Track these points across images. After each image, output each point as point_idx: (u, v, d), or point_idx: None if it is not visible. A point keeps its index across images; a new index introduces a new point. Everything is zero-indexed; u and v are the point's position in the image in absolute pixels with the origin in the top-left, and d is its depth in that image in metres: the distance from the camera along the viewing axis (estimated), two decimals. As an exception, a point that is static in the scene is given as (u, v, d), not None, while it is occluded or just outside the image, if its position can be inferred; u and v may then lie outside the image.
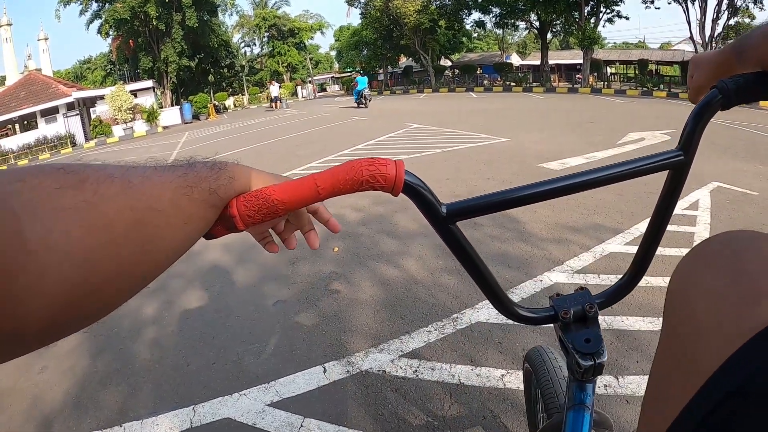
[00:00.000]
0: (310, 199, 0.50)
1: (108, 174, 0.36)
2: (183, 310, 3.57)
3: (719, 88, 0.63)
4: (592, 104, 18.83)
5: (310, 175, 0.51)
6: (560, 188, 0.63)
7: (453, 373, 2.59)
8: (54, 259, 0.29)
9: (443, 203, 0.60)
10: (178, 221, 0.41)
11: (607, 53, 38.29)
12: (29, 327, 0.28)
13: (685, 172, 0.67)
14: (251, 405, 2.46)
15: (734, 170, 6.65)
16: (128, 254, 0.35)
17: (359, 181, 0.50)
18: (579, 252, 4.08)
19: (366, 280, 3.85)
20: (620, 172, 0.64)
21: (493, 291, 0.72)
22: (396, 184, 0.52)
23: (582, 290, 0.79)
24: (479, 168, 7.61)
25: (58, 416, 2.52)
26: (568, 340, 0.75)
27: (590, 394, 0.79)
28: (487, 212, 0.62)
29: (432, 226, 0.61)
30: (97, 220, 0.33)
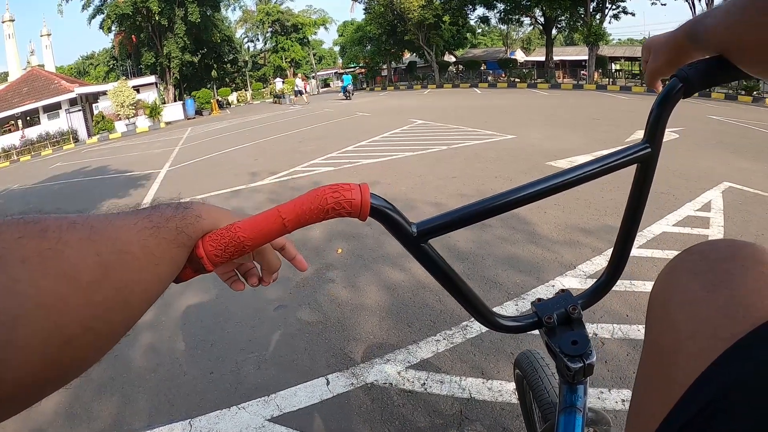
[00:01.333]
0: (276, 232, 0.49)
1: (70, 221, 0.36)
2: (180, 315, 3.46)
3: (679, 76, 0.62)
4: (598, 101, 18.72)
5: (274, 207, 0.49)
6: (531, 194, 0.62)
7: (463, 387, 2.45)
8: (24, 310, 0.28)
9: (413, 222, 0.58)
10: (148, 263, 0.40)
11: (613, 49, 38.22)
12: (7, 384, 0.27)
13: (653, 164, 0.67)
14: (250, 419, 2.34)
15: (745, 170, 6.52)
16: (101, 300, 0.34)
17: (324, 209, 0.49)
18: (591, 255, 3.94)
19: (371, 284, 3.72)
20: (590, 171, 0.63)
21: (474, 305, 0.71)
22: (363, 209, 0.50)
23: (563, 292, 0.79)
24: (486, 166, 7.48)
25: (49, 428, 2.44)
26: (555, 344, 0.73)
27: (581, 395, 0.78)
28: (458, 227, 0.61)
29: (404, 246, 0.59)
30: (64, 268, 0.32)
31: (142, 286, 0.39)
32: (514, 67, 35.90)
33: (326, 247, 4.53)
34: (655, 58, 0.73)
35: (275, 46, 52.89)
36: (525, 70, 34.14)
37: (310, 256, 4.31)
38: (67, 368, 0.32)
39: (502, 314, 0.75)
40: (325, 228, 4.87)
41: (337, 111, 20.42)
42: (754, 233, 4.30)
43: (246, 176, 7.68)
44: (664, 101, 0.64)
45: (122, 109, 26.40)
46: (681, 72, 0.62)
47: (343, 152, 9.73)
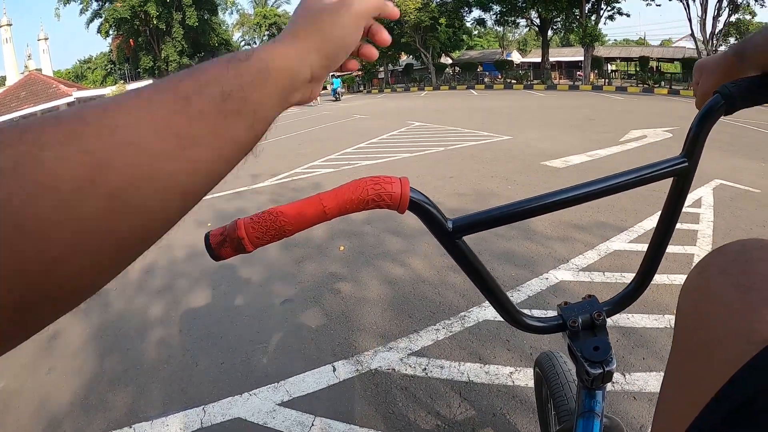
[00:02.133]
0: (317, 219, 0.50)
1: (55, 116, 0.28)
2: (190, 310, 3.58)
3: (721, 93, 0.61)
4: (594, 101, 18.84)
5: (316, 195, 0.51)
6: (565, 199, 0.62)
7: (462, 371, 2.60)
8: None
9: (449, 218, 0.60)
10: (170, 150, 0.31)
11: (608, 50, 38.34)
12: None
13: (690, 179, 0.67)
14: (261, 404, 2.47)
15: (737, 168, 6.66)
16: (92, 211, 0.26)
17: (365, 200, 0.50)
18: (584, 250, 4.09)
19: (372, 278, 3.86)
20: (625, 181, 0.63)
21: (501, 302, 0.73)
22: (402, 202, 0.52)
23: (590, 298, 0.80)
24: (483, 166, 7.62)
25: (66, 417, 2.51)
26: (577, 348, 0.75)
27: (600, 401, 0.79)
28: (493, 226, 0.63)
29: (438, 241, 0.60)
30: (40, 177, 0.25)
31: (161, 183, 0.30)
32: (510, 69, 36.05)
33: (329, 245, 4.66)
34: (707, 79, 0.72)
35: (272, 49, 52.76)
36: (521, 72, 34.28)
37: (312, 254, 4.45)
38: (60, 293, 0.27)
39: (528, 314, 0.77)
40: (327, 227, 4.99)
41: (335, 114, 20.50)
42: (743, 228, 4.45)
43: (247, 178, 7.80)
44: (705, 117, 0.63)
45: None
46: (724, 89, 0.61)
47: (343, 154, 9.83)
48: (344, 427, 2.28)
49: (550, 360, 1.41)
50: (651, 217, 4.76)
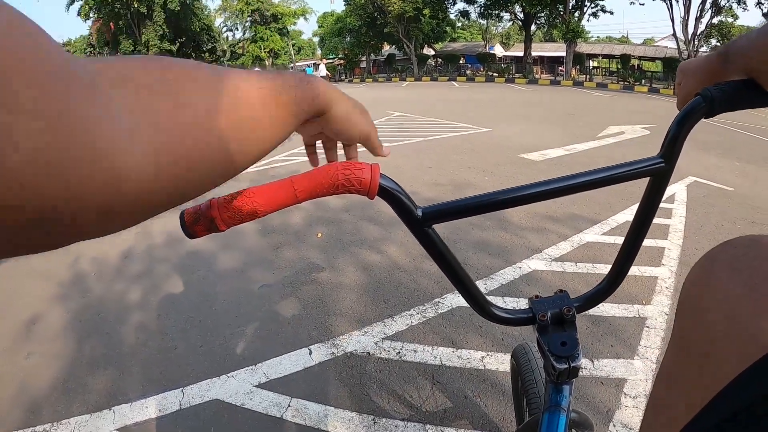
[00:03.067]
0: (289, 201, 0.52)
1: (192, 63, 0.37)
2: (168, 294, 3.60)
3: (703, 95, 0.61)
4: (574, 97, 19.02)
5: (288, 177, 0.52)
6: (538, 193, 0.62)
7: (435, 355, 2.68)
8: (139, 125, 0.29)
9: (419, 206, 0.60)
10: (263, 110, 0.41)
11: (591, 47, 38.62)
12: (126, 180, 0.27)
13: (666, 179, 0.67)
14: (239, 386, 2.52)
15: (711, 166, 6.83)
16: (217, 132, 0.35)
17: (335, 185, 0.51)
18: (557, 241, 4.20)
19: (349, 265, 3.92)
20: (601, 177, 0.64)
21: (470, 292, 0.72)
22: (371, 188, 0.52)
23: (561, 293, 0.80)
24: (461, 157, 7.70)
25: (45, 401, 2.51)
26: (545, 342, 0.75)
27: (567, 396, 0.79)
28: (463, 216, 0.62)
29: (408, 228, 0.61)
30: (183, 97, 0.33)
31: (258, 131, 0.40)
32: (492, 62, 36.14)
33: (307, 231, 4.70)
34: (689, 80, 0.72)
35: (254, 36, 52.24)
36: (503, 65, 34.45)
37: (290, 241, 4.49)
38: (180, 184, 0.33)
39: (498, 305, 0.77)
40: (306, 213, 5.05)
41: (317, 102, 20.39)
42: (714, 224, 4.60)
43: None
44: (685, 119, 0.63)
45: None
46: (706, 91, 0.61)
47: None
48: (319, 408, 2.34)
49: (525, 353, 1.43)
50: (624, 211, 4.89)
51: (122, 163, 0.26)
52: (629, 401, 2.31)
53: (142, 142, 0.28)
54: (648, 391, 2.38)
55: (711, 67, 0.67)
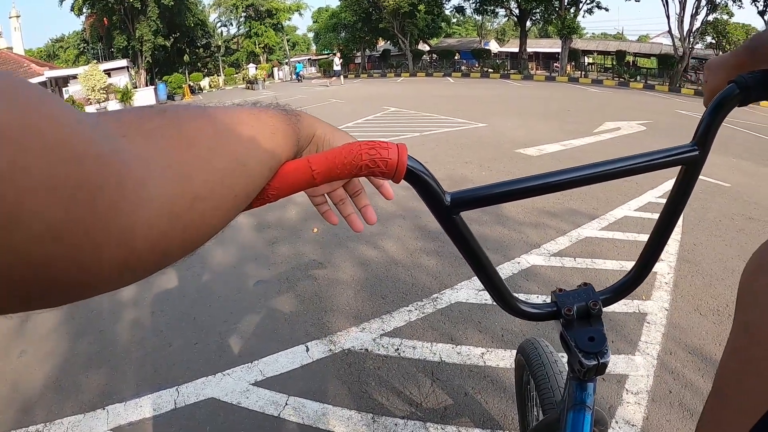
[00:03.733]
0: (304, 184, 0.46)
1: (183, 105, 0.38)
2: (163, 291, 3.56)
3: (737, 82, 0.59)
4: (569, 93, 19.04)
5: (305, 157, 0.47)
6: (570, 180, 0.59)
7: (434, 352, 2.64)
8: (153, 171, 0.29)
9: (447, 192, 0.56)
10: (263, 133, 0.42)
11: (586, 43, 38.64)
12: (141, 238, 0.27)
13: (699, 168, 0.65)
14: (235, 384, 2.48)
15: (709, 162, 6.58)
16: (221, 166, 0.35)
17: (358, 166, 0.46)
18: (555, 236, 4.17)
19: (346, 260, 3.88)
20: (632, 165, 0.61)
21: (495, 285, 0.68)
22: (398, 170, 0.48)
23: (585, 286, 0.76)
24: (457, 152, 7.67)
25: (39, 400, 2.47)
26: (571, 338, 0.71)
27: (591, 393, 0.77)
28: (493, 203, 0.58)
29: (434, 215, 0.57)
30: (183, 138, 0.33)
31: (260, 153, 0.41)
32: (487, 58, 36.14)
33: (303, 226, 4.66)
34: (716, 74, 0.72)
35: (249, 32, 52.02)
36: (498, 61, 34.45)
37: (286, 236, 4.45)
38: (194, 229, 0.33)
39: (523, 300, 0.73)
40: (301, 208, 5.00)
41: (311, 97, 20.36)
42: (711, 219, 4.58)
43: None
44: (719, 107, 0.61)
45: (93, 93, 25.70)
46: (740, 78, 0.60)
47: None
48: (317, 406, 2.30)
49: (534, 347, 1.39)
50: (622, 206, 4.87)
51: (137, 219, 0.27)
52: (631, 397, 2.28)
53: (156, 187, 0.29)
54: (650, 387, 2.36)
55: (738, 61, 0.67)
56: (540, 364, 1.31)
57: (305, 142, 0.52)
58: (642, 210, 4.75)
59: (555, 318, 0.74)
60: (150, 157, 0.30)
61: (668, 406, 2.24)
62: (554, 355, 1.36)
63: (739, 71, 0.64)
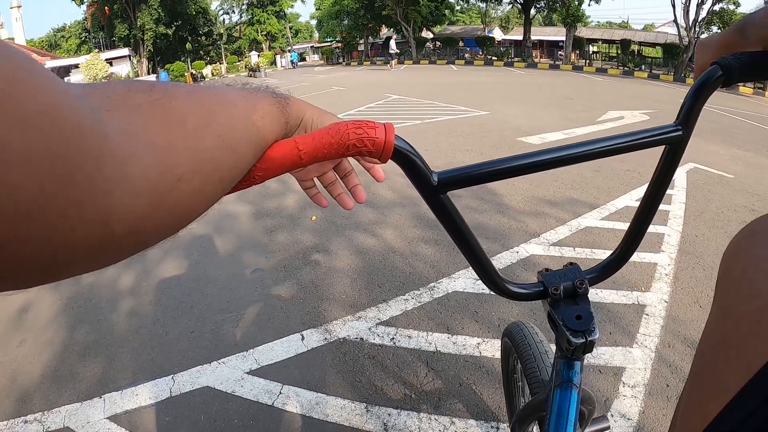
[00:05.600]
0: (291, 164, 0.46)
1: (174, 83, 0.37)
2: (160, 280, 3.55)
3: (720, 64, 0.60)
4: (573, 81, 18.92)
5: (291, 138, 0.47)
6: (556, 159, 0.60)
7: (430, 341, 2.63)
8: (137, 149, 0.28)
9: (434, 171, 0.57)
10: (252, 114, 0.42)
11: (590, 31, 38.34)
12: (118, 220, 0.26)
13: (682, 148, 0.65)
14: (230, 373, 2.48)
15: (712, 153, 6.77)
16: (208, 145, 0.35)
17: (345, 145, 0.46)
18: (555, 225, 4.14)
19: (343, 249, 3.87)
20: (616, 144, 0.61)
21: (482, 265, 0.69)
22: (385, 149, 0.48)
23: (572, 265, 0.77)
24: (458, 140, 7.62)
25: (37, 389, 2.48)
26: (559, 316, 0.72)
27: (578, 371, 0.78)
28: (480, 182, 0.59)
29: (421, 195, 0.57)
30: (171, 114, 0.32)
31: (248, 134, 0.40)
32: (491, 45, 35.82)
33: (301, 214, 4.64)
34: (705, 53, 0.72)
35: (251, 19, 51.89)
36: (502, 49, 34.13)
37: (284, 224, 4.43)
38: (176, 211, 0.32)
39: (510, 280, 0.74)
40: (300, 196, 4.98)
41: (313, 85, 20.26)
42: (714, 211, 4.54)
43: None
44: (702, 87, 0.62)
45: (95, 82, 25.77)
46: (723, 60, 0.60)
47: (320, 126, 9.74)
48: (312, 395, 2.30)
49: (520, 330, 1.39)
50: (623, 196, 4.83)
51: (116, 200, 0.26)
52: (627, 390, 2.27)
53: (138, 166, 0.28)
54: (647, 380, 2.34)
55: (727, 40, 0.67)
56: (526, 346, 1.33)
57: (294, 126, 0.52)
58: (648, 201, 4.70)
59: (542, 297, 0.75)
60: (134, 133, 0.28)
61: (665, 400, 2.22)
62: (540, 335, 1.38)
63: (727, 51, 0.65)
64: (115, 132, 0.27)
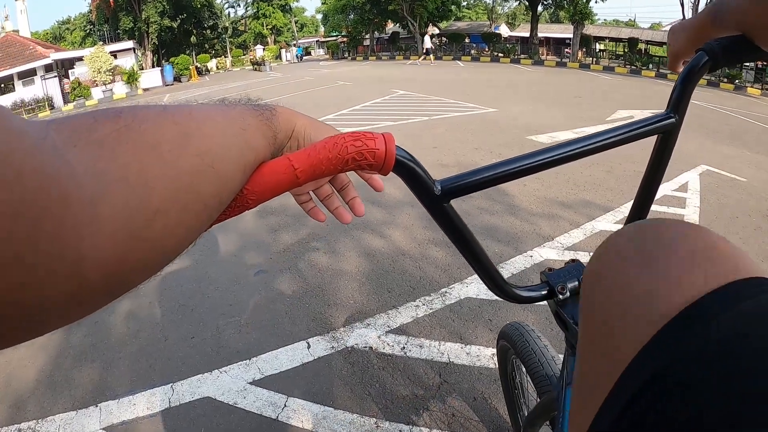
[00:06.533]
0: (287, 184, 0.43)
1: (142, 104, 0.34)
2: (161, 280, 3.45)
3: (706, 50, 0.61)
4: (581, 79, 18.83)
5: (284, 156, 0.43)
6: (554, 158, 0.59)
7: (442, 351, 2.52)
8: (105, 187, 0.26)
9: (436, 180, 0.54)
10: (233, 128, 0.39)
11: (598, 29, 38.16)
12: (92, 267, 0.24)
13: (675, 136, 0.67)
14: (232, 383, 2.38)
15: (723, 155, 6.66)
16: (186, 168, 0.32)
17: (344, 160, 0.43)
18: (569, 228, 4.03)
19: (350, 250, 3.76)
20: (611, 138, 0.62)
21: (488, 271, 0.68)
22: (386, 161, 0.45)
23: (574, 262, 0.78)
24: (467, 137, 7.52)
25: (31, 396, 2.42)
26: (567, 314, 0.73)
27: None
28: (484, 187, 0.58)
29: (423, 205, 0.55)
30: (141, 140, 0.30)
31: (231, 152, 0.37)
32: (497, 42, 35.70)
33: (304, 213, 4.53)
34: (679, 39, 0.73)
35: (256, 13, 51.89)
36: (509, 46, 34.01)
37: (289, 223, 4.34)
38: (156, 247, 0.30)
39: (516, 284, 0.73)
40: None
41: (318, 79, 20.22)
42: (729, 216, 4.41)
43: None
44: (690, 75, 0.63)
45: (99, 75, 25.70)
46: (708, 46, 0.62)
47: (324, 120, 9.65)
48: (318, 408, 2.20)
49: (519, 332, 1.39)
50: (637, 197, 4.71)
51: (87, 245, 0.24)
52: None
53: (110, 204, 0.26)
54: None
55: (701, 25, 0.68)
56: (527, 348, 1.32)
57: (284, 138, 0.49)
58: (657, 204, 4.57)
59: (550, 298, 0.76)
60: (102, 169, 0.27)
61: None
62: (537, 333, 1.38)
63: (700, 35, 0.68)
64: (82, 172, 0.25)
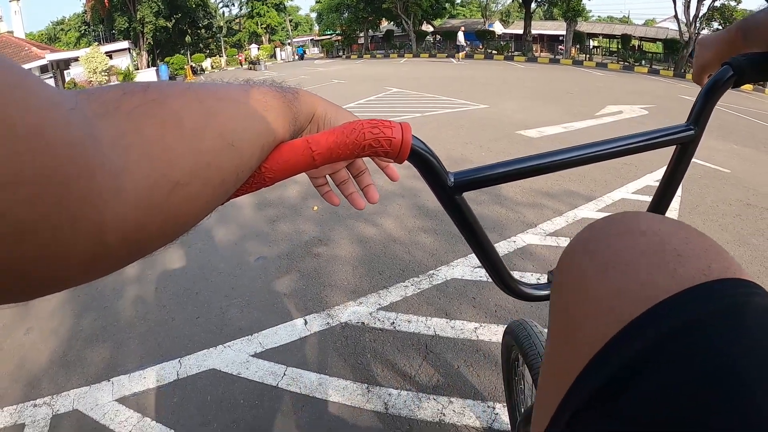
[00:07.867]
0: (304, 165, 0.44)
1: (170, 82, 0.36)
2: (166, 268, 3.63)
3: (732, 64, 0.60)
4: (573, 75, 18.90)
5: (303, 137, 0.44)
6: (569, 159, 0.59)
7: (429, 326, 2.71)
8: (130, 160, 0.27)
9: (450, 172, 0.55)
10: (255, 110, 0.40)
11: (591, 26, 38.12)
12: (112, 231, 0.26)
13: (694, 148, 0.65)
14: (235, 356, 2.55)
15: (709, 147, 6.80)
16: (207, 146, 0.33)
17: (361, 146, 0.44)
18: (552, 216, 4.22)
19: (345, 238, 3.94)
20: (629, 144, 0.61)
21: (496, 267, 0.67)
22: (402, 150, 0.46)
23: None
24: (458, 133, 7.69)
25: (45, 374, 2.53)
26: None
27: None
28: (496, 183, 0.58)
29: (437, 196, 0.56)
30: (166, 116, 0.31)
31: (251, 132, 0.38)
32: (491, 39, 35.73)
33: (302, 204, 4.72)
34: (706, 53, 0.72)
35: (251, 12, 51.78)
36: (503, 43, 34.02)
37: (286, 214, 4.51)
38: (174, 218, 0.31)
39: (523, 282, 0.73)
40: (302, 187, 5.06)
41: (313, 78, 20.24)
42: (709, 204, 4.60)
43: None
44: (714, 88, 0.62)
45: (95, 75, 25.59)
46: (734, 60, 0.61)
47: (320, 119, 9.78)
48: (315, 376, 2.37)
49: (525, 330, 1.39)
50: (619, 189, 4.90)
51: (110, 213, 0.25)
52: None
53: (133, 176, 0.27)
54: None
55: (730, 40, 0.68)
56: (532, 346, 1.33)
57: (304, 122, 0.50)
58: (640, 193, 4.76)
59: None
60: (128, 141, 0.28)
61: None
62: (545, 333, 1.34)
63: (729, 50, 0.67)
64: (108, 144, 0.26)
